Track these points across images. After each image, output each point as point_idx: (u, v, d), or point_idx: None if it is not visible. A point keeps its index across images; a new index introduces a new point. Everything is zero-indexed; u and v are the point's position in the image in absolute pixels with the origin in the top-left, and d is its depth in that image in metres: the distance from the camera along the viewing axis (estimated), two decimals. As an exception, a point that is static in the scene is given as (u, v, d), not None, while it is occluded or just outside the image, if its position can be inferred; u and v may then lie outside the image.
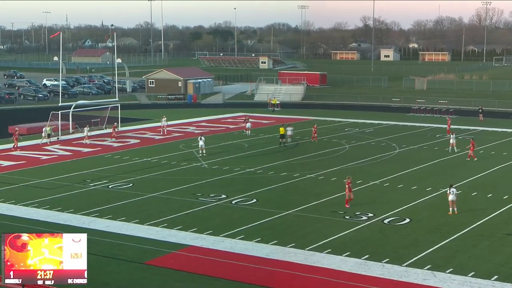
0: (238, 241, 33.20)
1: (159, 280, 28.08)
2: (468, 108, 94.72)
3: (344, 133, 70.26)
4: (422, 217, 37.53)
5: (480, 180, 47.33)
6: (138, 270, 29.24)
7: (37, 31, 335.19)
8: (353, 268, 29.42)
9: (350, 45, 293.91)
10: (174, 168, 51.40)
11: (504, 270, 29.17)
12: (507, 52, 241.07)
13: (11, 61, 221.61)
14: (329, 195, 42.47)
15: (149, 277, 28.40)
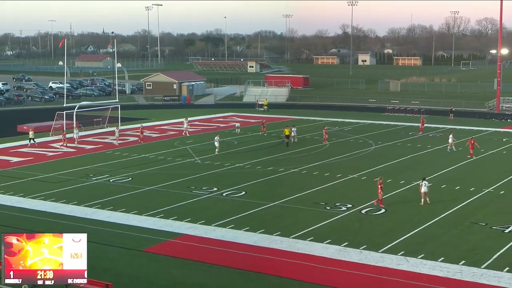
0: (229, 230, 33.20)
1: (156, 266, 28.05)
2: (438, 108, 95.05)
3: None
4: (396, 208, 37.62)
5: (449, 173, 47.52)
6: (137, 257, 29.20)
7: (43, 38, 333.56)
8: (334, 254, 29.47)
9: (330, 51, 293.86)
10: (169, 164, 51.33)
11: (470, 256, 29.29)
12: (473, 57, 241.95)
13: (19, 65, 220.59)
14: (311, 188, 42.51)
15: (147, 264, 28.36)
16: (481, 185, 43.25)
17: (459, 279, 26.52)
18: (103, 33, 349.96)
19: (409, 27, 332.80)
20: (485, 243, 31.09)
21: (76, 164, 51.03)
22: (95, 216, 35.75)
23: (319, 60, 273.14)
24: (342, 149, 57.87)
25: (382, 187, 37.73)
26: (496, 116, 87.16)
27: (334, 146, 59.70)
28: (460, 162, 52.09)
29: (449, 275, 27.00)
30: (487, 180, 44.74)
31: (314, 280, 26.51)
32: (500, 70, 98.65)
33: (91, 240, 30.50)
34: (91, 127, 70.64)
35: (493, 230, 33.23)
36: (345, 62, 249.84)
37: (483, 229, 33.45)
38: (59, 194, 40.83)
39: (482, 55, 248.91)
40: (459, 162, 52.07)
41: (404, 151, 57.30)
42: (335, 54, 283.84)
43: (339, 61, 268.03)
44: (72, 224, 34.09)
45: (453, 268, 27.71)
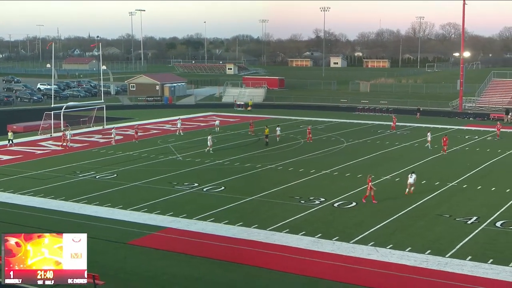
0: (209, 223, 33.16)
1: (141, 258, 27.95)
2: (405, 107, 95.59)
3: (299, 129, 70.43)
4: (367, 201, 37.77)
5: (416, 169, 47.66)
6: (122, 249, 29.08)
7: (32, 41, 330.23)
8: (308, 245, 29.56)
9: (304, 54, 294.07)
10: (153, 161, 51.14)
11: (435, 245, 29.51)
12: (437, 60, 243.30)
13: (9, 68, 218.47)
14: (287, 183, 42.59)
15: (132, 255, 28.26)
16: (445, 179, 43.60)
17: (425, 268, 26.71)
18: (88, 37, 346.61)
19: (378, 32, 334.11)
20: (449, 234, 31.33)
21: (64, 161, 50.69)
22: (82, 211, 35.55)
23: (293, 62, 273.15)
24: (316, 146, 58.01)
25: (372, 185, 37.50)
26: (459, 115, 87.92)
27: (308, 144, 59.80)
28: (426, 158, 52.47)
29: (416, 264, 27.18)
30: (451, 175, 45.10)
31: (290, 269, 26.56)
32: (462, 72, 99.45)
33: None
34: (77, 126, 70.18)
35: (457, 222, 33.51)
36: (318, 65, 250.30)
37: (447, 221, 33.71)
38: (48, 190, 40.52)
39: (446, 57, 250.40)
40: (425, 158, 52.45)
41: (373, 148, 57.58)
42: (309, 57, 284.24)
43: (312, 63, 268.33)
44: (60, 218, 33.91)
45: (420, 258, 27.91)
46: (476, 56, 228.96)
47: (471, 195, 39.72)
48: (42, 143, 60.59)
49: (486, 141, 62.96)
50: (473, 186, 42.08)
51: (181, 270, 26.52)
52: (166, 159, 51.76)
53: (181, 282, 25.19)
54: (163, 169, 47.49)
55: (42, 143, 60.59)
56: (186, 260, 27.80)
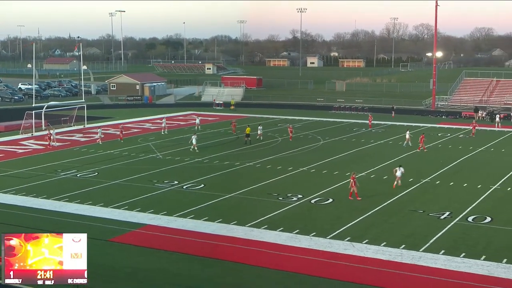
0: (189, 220, 33.07)
1: (121, 255, 27.80)
2: (380, 106, 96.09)
3: (277, 127, 70.50)
4: (343, 197, 37.89)
5: (390, 166, 47.97)
6: (104, 246, 28.89)
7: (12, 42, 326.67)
8: (286, 241, 29.58)
9: (281, 54, 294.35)
10: (133, 159, 50.88)
11: (410, 240, 29.68)
12: (411, 60, 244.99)
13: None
14: (265, 180, 42.58)
15: (113, 252, 28.10)
16: (419, 176, 43.87)
17: (400, 262, 26.86)
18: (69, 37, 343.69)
19: (353, 32, 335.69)
20: (423, 229, 31.53)
21: (45, 160, 50.25)
22: (63, 209, 35.26)
23: (271, 62, 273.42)
24: (293, 144, 58.08)
25: (355, 181, 37.43)
26: (432, 113, 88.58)
27: (285, 142, 59.88)
28: (400, 155, 52.75)
29: (391, 258, 27.32)
30: (424, 172, 45.40)
31: (268, 265, 26.56)
32: (435, 71, 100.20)
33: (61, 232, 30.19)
34: (58, 125, 69.60)
35: (430, 217, 33.73)
36: (295, 64, 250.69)
37: (421, 216, 33.92)
38: (29, 189, 40.13)
39: (419, 57, 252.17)
40: (400, 155, 52.74)
41: (349, 146, 57.79)
42: (286, 57, 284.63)
43: (289, 63, 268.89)
44: (42, 216, 33.60)
45: (395, 252, 28.05)
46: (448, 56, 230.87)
47: (444, 191, 40.01)
48: (24, 142, 60.02)
49: (458, 138, 63.48)
50: (446, 182, 42.40)
51: (161, 266, 26.41)
52: (146, 158, 51.52)
53: (161, 278, 25.09)
54: (144, 167, 47.27)
55: (24, 142, 60.02)
56: (166, 256, 27.70)
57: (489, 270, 25.90)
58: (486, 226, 32.09)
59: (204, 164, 48.64)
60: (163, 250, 28.48)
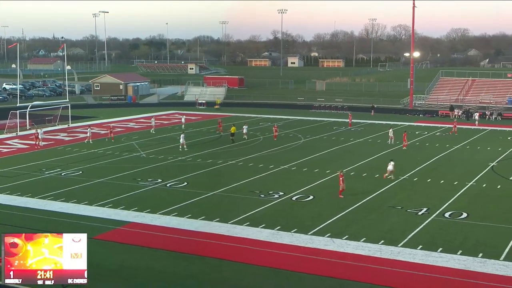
0: (172, 218, 33.00)
1: (106, 252, 27.68)
2: (359, 105, 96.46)
3: (259, 126, 70.54)
4: (323, 194, 38.03)
5: (369, 163, 48.28)
6: (89, 244, 28.41)
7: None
8: (268, 237, 29.61)
9: (262, 54, 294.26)
10: (117, 158, 50.67)
11: (388, 236, 29.84)
12: (389, 60, 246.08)
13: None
14: (247, 178, 42.61)
15: (98, 250, 27.94)
16: (397, 173, 44.02)
17: (379, 257, 26.99)
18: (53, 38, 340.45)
19: (333, 33, 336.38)
20: (401, 225, 31.72)
21: (30, 159, 49.87)
22: (48, 207, 35.02)
23: (252, 62, 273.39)
24: (275, 143, 58.15)
25: (344, 179, 37.38)
26: (410, 112, 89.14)
27: (267, 140, 59.94)
28: (379, 153, 53.01)
29: (370, 253, 27.46)
30: (402, 169, 45.60)
31: (250, 261, 26.60)
32: (412, 71, 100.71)
33: (46, 229, 30.01)
34: (43, 125, 69.09)
35: (408, 213, 33.94)
36: (276, 64, 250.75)
37: (399, 212, 34.11)
38: (14, 188, 39.80)
39: (397, 57, 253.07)
40: (378, 153, 52.99)
41: (329, 144, 57.97)
42: (267, 57, 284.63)
43: (270, 63, 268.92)
44: (27, 215, 33.37)
45: (374, 247, 28.20)
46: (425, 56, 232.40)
47: (422, 187, 40.27)
48: (8, 141, 59.52)
49: (435, 136, 63.92)
50: (423, 179, 42.67)
51: (145, 263, 26.34)
52: (130, 156, 51.32)
53: (146, 275, 25.03)
54: (127, 165, 47.09)
55: (8, 141, 59.52)
56: (150, 253, 27.63)
57: (466, 264, 26.12)
58: (462, 222, 32.36)
59: (187, 163, 48.55)
60: (147, 247, 28.42)
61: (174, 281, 24.41)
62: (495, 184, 41.32)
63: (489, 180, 42.36)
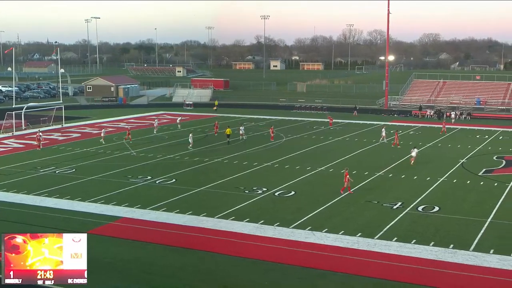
0: (162, 213, 32.94)
1: (100, 246, 27.51)
2: (338, 105, 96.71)
3: (243, 126, 70.40)
4: (304, 190, 38.13)
5: (347, 161, 48.41)
6: (82, 238, 28.56)
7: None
8: (252, 231, 29.65)
9: (246, 58, 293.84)
10: (108, 156, 50.45)
11: (366, 229, 29.98)
12: (366, 63, 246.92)
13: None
14: (232, 175, 42.61)
15: (92, 244, 27.46)
16: (373, 169, 44.32)
17: (356, 249, 27.13)
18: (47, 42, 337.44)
19: (313, 38, 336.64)
20: (377, 218, 31.88)
21: (25, 158, 49.52)
22: (43, 204, 34.81)
23: (237, 65, 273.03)
24: (258, 141, 58.19)
25: (349, 177, 37.26)
26: (385, 112, 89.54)
27: (251, 139, 59.92)
28: (356, 151, 53.22)
29: (348, 245, 27.57)
30: (378, 166, 45.87)
31: (236, 253, 26.62)
32: (387, 73, 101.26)
33: (41, 225, 29.89)
34: (38, 125, 68.65)
35: (384, 207, 34.12)
36: (259, 67, 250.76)
37: (376, 206, 34.28)
38: (10, 185, 39.51)
39: (373, 61, 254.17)
40: (355, 151, 53.21)
41: (310, 142, 58.09)
42: (251, 60, 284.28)
43: (254, 66, 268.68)
44: (22, 211, 33.13)
45: (352, 240, 28.33)
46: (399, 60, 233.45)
47: (396, 183, 40.49)
48: (4, 141, 59.05)
49: (409, 135, 64.27)
50: (398, 175, 42.91)
51: (136, 256, 26.28)
52: (121, 155, 51.11)
53: (138, 267, 24.97)
54: (119, 163, 46.90)
55: (4, 141, 59.05)
56: (141, 246, 27.56)
57: (437, 255, 26.32)
58: (434, 215, 32.59)
59: (175, 161, 48.45)
60: (138, 241, 28.34)
61: (165, 273, 24.37)
62: (465, 179, 41.66)
63: (459, 176, 42.69)
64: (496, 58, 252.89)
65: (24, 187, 38.93)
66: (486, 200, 35.75)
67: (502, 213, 32.98)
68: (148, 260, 25.73)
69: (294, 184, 39.76)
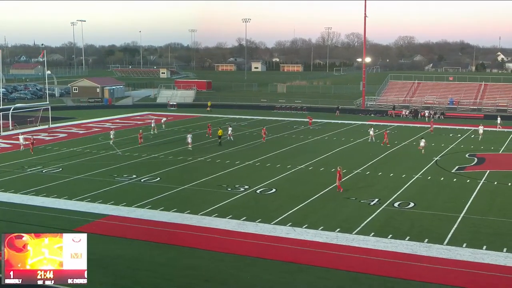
0: (147, 210, 32.82)
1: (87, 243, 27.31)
2: (317, 105, 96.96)
3: (225, 125, 70.36)
4: (285, 187, 38.19)
5: (326, 159, 48.60)
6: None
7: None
8: (235, 227, 29.65)
9: (228, 60, 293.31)
10: (94, 156, 50.13)
11: (344, 224, 30.11)
12: (343, 65, 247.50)
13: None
14: (215, 173, 42.54)
15: (78, 241, 27.63)
16: (351, 167, 44.50)
17: (335, 243, 27.22)
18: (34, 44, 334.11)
19: (292, 40, 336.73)
20: (355, 214, 32.02)
21: (12, 158, 49.04)
22: (30, 202, 34.50)
23: (219, 67, 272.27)
24: (240, 141, 58.15)
25: (341, 175, 37.31)
26: (362, 112, 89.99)
27: (233, 138, 59.79)
28: (334, 149, 53.40)
29: (327, 240, 27.67)
30: (356, 163, 46.08)
31: (219, 249, 26.59)
32: (364, 74, 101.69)
33: (29, 223, 29.63)
34: (25, 125, 68.05)
35: (362, 203, 34.29)
36: (241, 69, 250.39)
37: (354, 203, 34.44)
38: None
39: (350, 62, 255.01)
40: (335, 149, 53.39)
41: (290, 141, 58.18)
42: (233, 62, 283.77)
43: (236, 68, 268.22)
44: (10, 209, 32.81)
45: (331, 235, 28.43)
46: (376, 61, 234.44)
47: (373, 180, 40.70)
48: (-8, 141, 58.41)
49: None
50: (375, 172, 43.14)
51: (123, 252, 26.16)
52: (107, 154, 50.82)
53: (124, 263, 24.85)
54: (104, 163, 46.62)
55: (-8, 141, 58.41)
56: (127, 243, 27.44)
57: (413, 249, 26.51)
58: (409, 211, 32.82)
59: (160, 160, 48.29)
60: (124, 237, 28.21)
61: (151, 268, 24.28)
62: (438, 176, 41.99)
63: (434, 173, 43.03)
64: (468, 60, 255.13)
65: (11, 186, 38.55)
66: (459, 196, 36.08)
67: (474, 208, 33.31)
68: (134, 256, 25.62)
69: (275, 182, 39.80)
